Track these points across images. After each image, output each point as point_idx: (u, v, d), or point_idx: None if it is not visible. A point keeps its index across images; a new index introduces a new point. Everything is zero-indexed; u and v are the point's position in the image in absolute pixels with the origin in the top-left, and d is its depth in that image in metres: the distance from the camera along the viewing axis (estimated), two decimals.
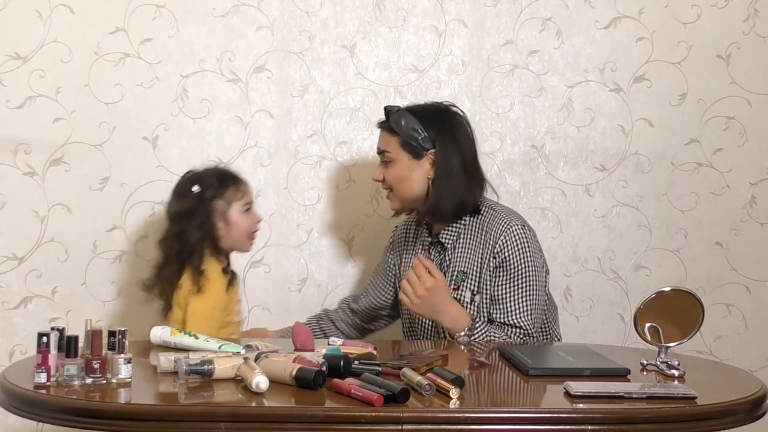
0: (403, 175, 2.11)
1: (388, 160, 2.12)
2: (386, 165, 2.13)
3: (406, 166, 2.11)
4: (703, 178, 2.58)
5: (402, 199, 2.14)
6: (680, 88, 2.57)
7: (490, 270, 2.06)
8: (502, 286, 2.05)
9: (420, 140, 2.08)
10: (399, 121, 2.10)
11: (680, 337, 1.67)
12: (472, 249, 2.10)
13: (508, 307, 2.03)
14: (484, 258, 2.07)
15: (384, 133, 2.14)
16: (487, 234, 2.08)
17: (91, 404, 1.39)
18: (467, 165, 2.11)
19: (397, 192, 2.14)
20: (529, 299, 2.04)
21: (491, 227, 2.08)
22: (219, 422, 1.33)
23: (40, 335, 1.50)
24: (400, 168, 2.11)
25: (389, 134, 2.12)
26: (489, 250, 2.06)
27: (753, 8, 2.57)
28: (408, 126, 2.09)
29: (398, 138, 2.10)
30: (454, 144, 2.10)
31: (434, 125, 2.10)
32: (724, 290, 2.60)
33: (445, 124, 2.12)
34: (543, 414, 1.36)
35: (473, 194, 2.11)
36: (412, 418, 1.33)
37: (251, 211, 2.15)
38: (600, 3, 2.55)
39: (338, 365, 1.50)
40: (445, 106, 2.17)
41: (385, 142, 2.13)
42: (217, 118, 2.50)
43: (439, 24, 2.53)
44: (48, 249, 2.46)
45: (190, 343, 1.78)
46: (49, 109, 2.44)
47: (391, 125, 2.11)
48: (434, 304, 1.95)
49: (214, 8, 2.49)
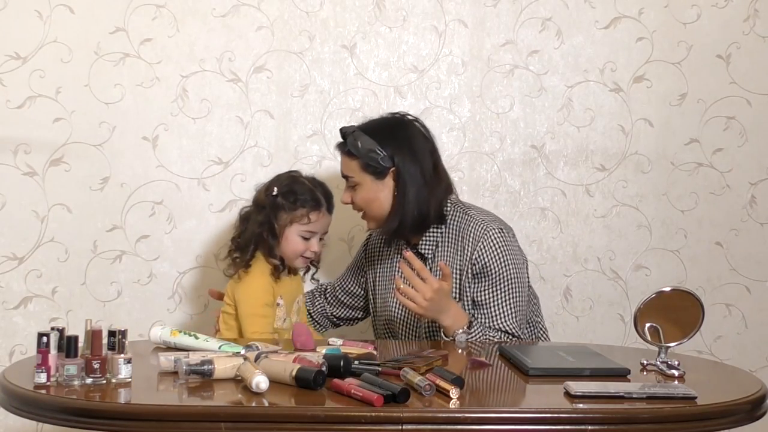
0: (371, 197, 2.09)
1: (353, 185, 2.10)
2: (353, 188, 2.11)
3: (372, 188, 2.08)
4: (703, 178, 2.58)
5: (377, 219, 2.12)
6: (680, 88, 2.57)
7: (469, 277, 2.06)
8: (484, 291, 2.05)
9: (379, 160, 2.06)
10: (356, 144, 2.07)
11: (680, 337, 1.67)
12: (450, 256, 2.09)
13: (492, 313, 2.03)
14: (463, 265, 2.07)
15: (344, 157, 2.12)
16: (464, 240, 2.07)
17: (91, 404, 1.39)
18: (427, 174, 2.08)
19: (369, 213, 2.12)
20: (512, 302, 2.04)
21: (468, 233, 2.07)
22: (219, 422, 1.33)
23: (40, 335, 1.50)
24: (366, 191, 2.09)
25: (349, 158, 2.09)
26: (467, 257, 2.06)
27: (753, 8, 2.57)
28: (365, 148, 2.06)
29: (358, 161, 2.08)
30: (412, 156, 2.08)
31: (390, 141, 2.08)
32: (724, 290, 2.60)
33: (400, 138, 2.10)
34: (543, 414, 1.36)
35: (436, 202, 2.09)
36: (412, 418, 1.33)
37: (312, 240, 2.11)
38: (600, 3, 2.55)
39: (338, 365, 1.50)
40: (398, 117, 2.15)
41: (346, 166, 2.11)
42: (217, 118, 2.50)
43: (439, 24, 2.53)
44: (48, 249, 2.46)
45: (190, 343, 1.78)
46: (49, 109, 2.44)
47: (350, 149, 2.08)
48: (441, 305, 1.94)
49: (214, 8, 2.49)
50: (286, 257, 2.11)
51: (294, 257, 2.11)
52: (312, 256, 2.13)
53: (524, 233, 2.56)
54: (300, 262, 2.14)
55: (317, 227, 2.11)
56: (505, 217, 2.55)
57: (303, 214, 2.09)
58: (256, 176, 2.48)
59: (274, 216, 2.09)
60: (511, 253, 2.06)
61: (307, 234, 2.10)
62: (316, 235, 2.12)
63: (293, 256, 2.11)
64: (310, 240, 2.11)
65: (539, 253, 2.56)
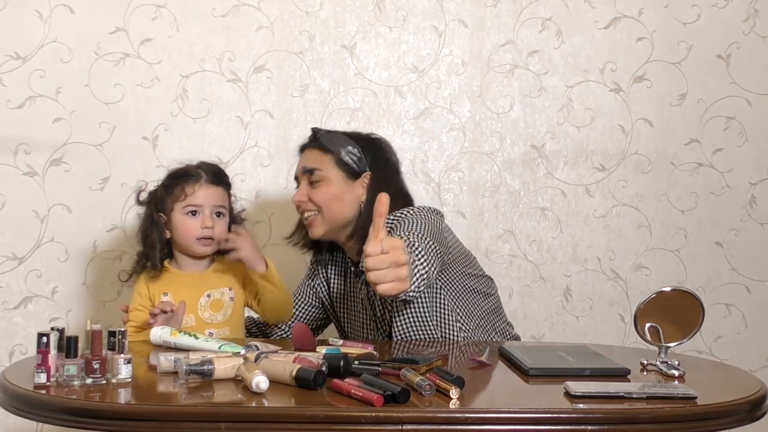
0: (336, 195, 2.01)
1: (317, 180, 2.01)
2: (314, 185, 2.02)
3: (340, 185, 2.01)
4: (703, 178, 2.59)
5: (330, 222, 2.02)
6: (680, 88, 2.57)
7: None
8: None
9: (357, 160, 2.03)
10: (333, 140, 2.03)
11: (680, 337, 1.67)
12: None
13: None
14: None
15: (313, 151, 2.05)
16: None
17: (91, 404, 1.39)
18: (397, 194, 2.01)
19: (326, 213, 2.01)
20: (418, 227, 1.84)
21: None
22: (219, 422, 1.33)
23: (40, 335, 1.50)
24: (334, 187, 2.01)
25: (321, 152, 2.03)
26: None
27: (753, 8, 2.57)
28: (344, 145, 2.03)
29: (332, 156, 2.02)
30: (387, 171, 2.05)
31: (369, 150, 2.05)
32: (724, 290, 2.60)
33: (377, 150, 2.07)
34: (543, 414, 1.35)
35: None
36: (412, 418, 1.33)
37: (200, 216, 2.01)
38: (600, 3, 2.55)
39: (338, 365, 1.50)
40: (374, 135, 2.13)
41: (314, 160, 2.03)
42: (217, 118, 2.50)
43: (439, 24, 2.53)
44: (48, 249, 2.46)
45: (190, 343, 1.78)
46: (49, 109, 2.44)
47: (324, 143, 2.04)
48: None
49: (214, 8, 2.49)
50: (182, 246, 2.03)
51: (189, 241, 2.01)
52: (209, 233, 2.00)
53: (524, 233, 2.56)
54: (199, 246, 2.01)
55: (198, 199, 2.01)
56: (505, 217, 2.56)
57: (180, 192, 2.01)
58: (256, 176, 2.48)
59: (157, 210, 2.04)
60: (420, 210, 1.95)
61: (190, 210, 2.01)
62: (203, 208, 2.01)
63: (188, 240, 2.01)
64: (198, 216, 2.00)
65: (539, 253, 2.57)
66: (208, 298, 2.03)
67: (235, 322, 2.05)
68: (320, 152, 2.04)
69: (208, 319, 2.02)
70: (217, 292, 2.04)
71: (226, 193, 2.08)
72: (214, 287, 2.04)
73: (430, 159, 2.54)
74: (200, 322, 2.01)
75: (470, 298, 2.05)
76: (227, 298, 2.05)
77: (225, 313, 2.03)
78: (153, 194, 2.07)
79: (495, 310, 2.13)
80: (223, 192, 2.07)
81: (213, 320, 2.02)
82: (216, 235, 2.02)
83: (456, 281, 2.03)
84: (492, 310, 2.12)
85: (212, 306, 2.04)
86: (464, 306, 2.02)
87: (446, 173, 2.55)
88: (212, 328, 2.01)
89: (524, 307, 2.56)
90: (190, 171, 2.05)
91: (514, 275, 2.56)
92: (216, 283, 2.05)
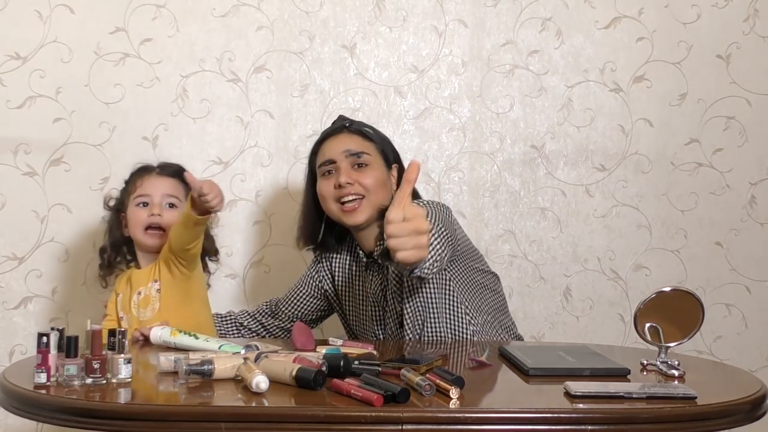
0: (383, 179, 2.00)
1: (365, 163, 1.99)
2: (360, 168, 1.99)
3: (384, 172, 2.02)
4: (703, 178, 2.59)
5: (374, 207, 1.98)
6: (680, 88, 2.57)
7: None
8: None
9: (391, 151, 2.05)
10: (370, 129, 2.04)
11: (680, 337, 1.67)
12: None
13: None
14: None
15: (354, 136, 2.02)
16: None
17: (91, 404, 1.39)
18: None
19: (372, 198, 1.98)
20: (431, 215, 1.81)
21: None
22: (219, 422, 1.33)
23: (40, 335, 1.50)
24: (380, 172, 2.01)
25: (362, 138, 2.02)
26: None
27: (753, 8, 2.57)
28: (380, 135, 2.05)
29: (374, 144, 2.03)
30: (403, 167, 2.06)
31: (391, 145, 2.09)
32: (724, 290, 2.60)
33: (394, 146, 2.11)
34: (543, 414, 1.35)
35: None
36: (412, 418, 1.32)
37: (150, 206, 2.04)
38: (600, 3, 2.55)
39: (338, 365, 1.50)
40: None
41: (359, 144, 2.01)
42: (217, 118, 2.50)
43: (439, 24, 2.53)
44: (48, 249, 2.46)
45: (190, 343, 1.78)
46: (49, 109, 2.44)
47: (364, 131, 2.04)
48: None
49: (214, 8, 2.49)
50: (136, 239, 2.06)
51: (138, 231, 2.04)
52: (156, 220, 2.02)
53: (524, 233, 2.56)
54: (146, 236, 2.04)
55: (147, 189, 2.05)
56: (505, 217, 2.56)
57: (132, 186, 2.08)
58: (256, 176, 2.48)
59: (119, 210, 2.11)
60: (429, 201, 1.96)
61: (141, 201, 2.05)
62: (152, 198, 2.04)
63: (138, 231, 2.04)
64: (148, 207, 2.04)
65: (539, 253, 2.56)
66: (139, 296, 2.04)
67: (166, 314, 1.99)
68: (362, 138, 2.03)
69: (140, 317, 2.01)
70: (146, 288, 2.04)
71: (182, 186, 2.07)
72: (143, 284, 2.04)
73: (430, 159, 2.54)
74: (134, 320, 2.02)
75: (479, 292, 2.05)
76: (153, 291, 2.03)
77: (153, 307, 2.02)
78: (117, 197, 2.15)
79: (501, 308, 2.13)
80: (176, 183, 2.08)
81: (143, 317, 2.01)
82: (164, 223, 2.02)
83: (465, 275, 2.02)
84: (499, 307, 2.12)
85: (142, 303, 2.03)
86: (473, 300, 2.02)
87: (446, 173, 2.55)
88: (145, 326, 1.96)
89: (524, 307, 2.56)
90: (145, 166, 2.12)
91: (514, 275, 2.56)
92: (144, 279, 2.05)
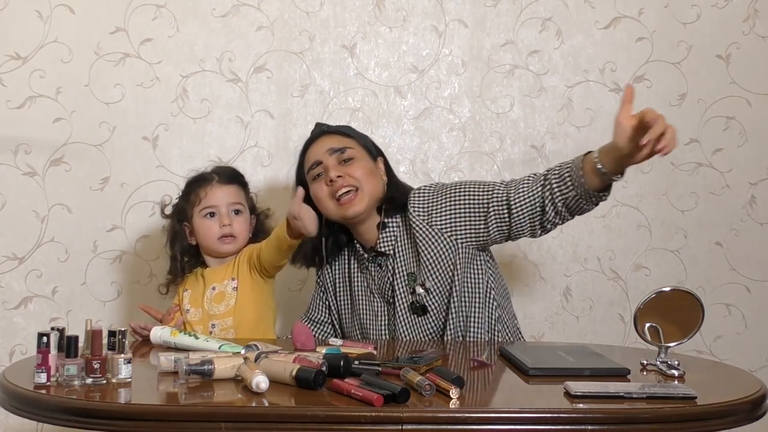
0: (371, 169, 2.05)
1: (350, 157, 2.03)
2: (347, 163, 2.03)
3: (370, 163, 2.07)
4: (703, 178, 2.59)
5: (369, 197, 2.01)
6: (680, 88, 2.57)
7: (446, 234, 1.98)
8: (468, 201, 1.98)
9: (372, 145, 2.11)
10: (345, 128, 2.12)
11: (680, 337, 1.67)
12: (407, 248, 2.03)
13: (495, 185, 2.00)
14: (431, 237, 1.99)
15: (333, 136, 2.08)
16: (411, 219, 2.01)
17: (91, 404, 1.39)
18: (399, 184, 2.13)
19: (366, 187, 2.01)
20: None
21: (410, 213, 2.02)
22: (219, 422, 1.33)
23: (40, 335, 1.50)
24: (367, 162, 2.06)
25: (342, 136, 2.08)
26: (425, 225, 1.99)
27: (753, 8, 2.57)
28: (358, 133, 2.11)
29: (353, 140, 2.08)
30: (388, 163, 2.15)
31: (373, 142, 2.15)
32: (724, 290, 2.60)
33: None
34: (543, 414, 1.35)
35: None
36: (412, 418, 1.33)
37: (218, 216, 2.11)
38: (600, 3, 2.55)
39: (338, 365, 1.50)
40: None
41: (340, 141, 2.06)
42: (217, 118, 2.50)
43: (439, 24, 2.53)
44: (48, 249, 2.46)
45: (190, 343, 1.78)
46: (49, 109, 2.44)
47: (342, 130, 2.11)
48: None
49: (214, 8, 2.49)
50: (208, 248, 2.13)
51: (211, 242, 2.11)
52: (228, 231, 2.10)
53: None
54: (221, 245, 2.11)
55: (213, 200, 2.11)
56: None
57: (195, 197, 2.12)
58: (256, 176, 2.48)
59: (180, 221, 2.15)
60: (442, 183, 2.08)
61: (207, 212, 2.11)
62: (219, 208, 2.11)
63: (210, 241, 2.11)
64: (216, 217, 2.11)
65: (539, 253, 2.56)
66: (213, 291, 2.12)
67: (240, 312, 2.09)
68: (342, 136, 2.09)
69: (211, 311, 2.10)
70: (221, 285, 2.12)
71: (241, 190, 2.17)
72: (217, 280, 2.13)
73: (430, 159, 2.54)
74: (205, 314, 2.10)
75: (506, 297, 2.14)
76: (230, 289, 2.11)
77: (228, 303, 2.10)
78: (175, 206, 2.18)
79: (514, 314, 2.19)
80: (237, 190, 2.16)
81: (214, 311, 2.10)
82: (236, 231, 2.11)
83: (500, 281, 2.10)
84: (513, 313, 2.18)
85: (216, 298, 2.11)
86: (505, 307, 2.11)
87: (446, 173, 2.55)
88: (215, 320, 2.09)
89: (524, 307, 2.56)
90: (203, 175, 2.16)
91: (514, 275, 2.56)
92: (220, 276, 2.13)
